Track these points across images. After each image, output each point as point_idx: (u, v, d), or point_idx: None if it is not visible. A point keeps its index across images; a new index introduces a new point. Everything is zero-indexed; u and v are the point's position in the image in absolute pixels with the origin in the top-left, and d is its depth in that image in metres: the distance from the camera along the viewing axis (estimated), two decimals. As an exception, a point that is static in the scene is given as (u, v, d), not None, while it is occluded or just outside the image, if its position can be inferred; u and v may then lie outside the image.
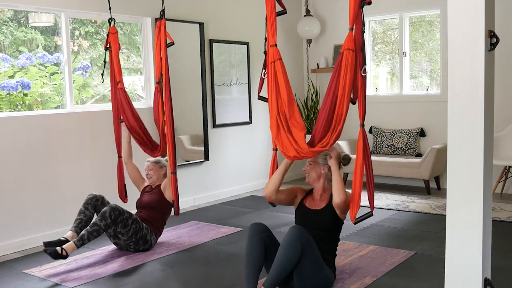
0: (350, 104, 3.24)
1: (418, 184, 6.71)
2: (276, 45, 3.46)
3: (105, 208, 4.05)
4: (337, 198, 3.30)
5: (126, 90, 4.70)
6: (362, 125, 3.19)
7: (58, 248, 3.83)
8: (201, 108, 6.17)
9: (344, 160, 3.52)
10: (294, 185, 3.69)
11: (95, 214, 4.29)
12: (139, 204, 4.54)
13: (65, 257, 3.84)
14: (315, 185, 3.54)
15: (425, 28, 7.07)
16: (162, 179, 4.57)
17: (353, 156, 3.37)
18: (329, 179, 3.50)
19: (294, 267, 3.10)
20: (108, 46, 4.67)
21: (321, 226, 3.38)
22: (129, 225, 4.14)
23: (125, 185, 4.78)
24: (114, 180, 4.82)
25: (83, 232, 3.95)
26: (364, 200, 3.46)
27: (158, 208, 4.46)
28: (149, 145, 4.63)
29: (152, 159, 4.61)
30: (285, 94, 3.40)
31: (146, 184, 4.68)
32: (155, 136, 4.68)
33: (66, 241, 4.02)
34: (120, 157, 4.75)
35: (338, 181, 3.34)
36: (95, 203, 4.29)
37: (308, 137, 3.32)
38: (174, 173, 4.29)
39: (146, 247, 4.32)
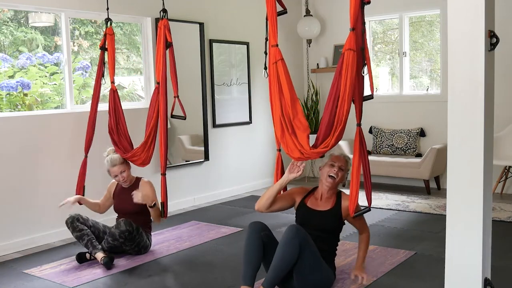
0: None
1: (418, 184, 6.70)
2: (277, 45, 3.46)
3: (113, 230, 4.04)
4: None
5: (124, 90, 4.70)
6: (359, 125, 3.21)
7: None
8: (201, 108, 6.17)
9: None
10: (292, 188, 3.63)
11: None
12: (122, 211, 4.34)
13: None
14: (329, 188, 3.48)
15: (425, 28, 7.07)
16: (131, 175, 4.41)
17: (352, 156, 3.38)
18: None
19: (293, 266, 3.10)
20: (104, 46, 4.64)
21: (323, 227, 3.39)
22: (135, 240, 4.15)
23: (84, 186, 4.63)
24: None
25: (103, 245, 4.10)
26: (362, 200, 3.46)
27: (143, 212, 4.30)
28: (127, 149, 4.60)
29: (115, 161, 4.30)
30: (288, 95, 3.40)
31: (114, 186, 4.49)
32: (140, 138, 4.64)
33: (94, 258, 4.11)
34: (86, 156, 4.62)
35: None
36: (81, 222, 4.16)
37: (312, 137, 3.34)
38: (163, 174, 4.39)
39: (146, 251, 4.33)
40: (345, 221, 3.51)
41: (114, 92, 4.65)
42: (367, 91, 3.33)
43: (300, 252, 3.07)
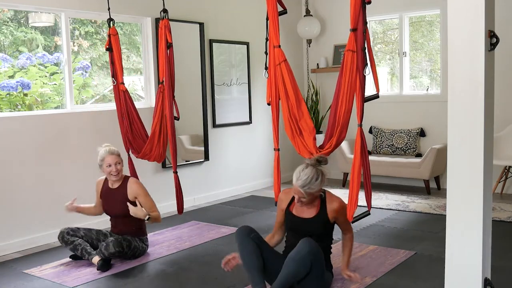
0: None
1: (418, 184, 6.70)
2: (279, 46, 3.46)
3: (103, 250, 3.94)
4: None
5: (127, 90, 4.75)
6: (360, 125, 3.21)
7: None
8: (201, 108, 6.16)
9: (323, 162, 3.35)
10: (278, 202, 3.52)
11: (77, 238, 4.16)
12: (111, 214, 4.24)
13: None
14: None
15: (425, 28, 7.07)
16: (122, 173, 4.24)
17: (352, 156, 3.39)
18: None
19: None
20: (109, 47, 4.67)
21: (313, 234, 3.28)
22: (127, 255, 4.09)
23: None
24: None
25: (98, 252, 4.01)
26: (361, 199, 3.46)
27: (133, 217, 4.15)
28: (141, 149, 4.64)
29: (115, 151, 4.16)
30: (293, 96, 3.41)
31: (101, 185, 4.32)
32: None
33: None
34: (128, 155, 4.76)
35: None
36: (71, 234, 4.10)
37: (318, 136, 3.37)
38: (175, 172, 4.49)
39: (144, 254, 4.28)
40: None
41: (124, 92, 4.67)
42: (372, 91, 3.34)
43: (310, 268, 3.04)
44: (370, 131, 6.99)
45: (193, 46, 6.08)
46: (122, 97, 4.67)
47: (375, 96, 3.29)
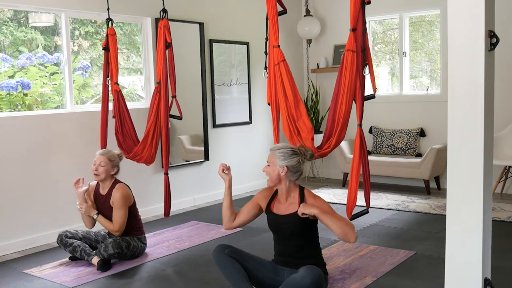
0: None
1: (418, 184, 6.70)
2: (279, 46, 3.46)
3: (103, 252, 3.94)
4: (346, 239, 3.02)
5: (124, 90, 4.73)
6: (360, 125, 3.21)
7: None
8: (201, 108, 6.17)
9: (308, 155, 3.22)
10: (257, 194, 3.40)
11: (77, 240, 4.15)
12: (105, 217, 4.15)
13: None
14: (277, 187, 3.22)
15: (425, 28, 7.07)
16: (110, 178, 4.19)
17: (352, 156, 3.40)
18: (290, 179, 3.16)
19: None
20: (106, 47, 4.68)
21: (296, 233, 3.15)
22: (127, 256, 4.09)
23: None
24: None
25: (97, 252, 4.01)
26: (361, 200, 3.46)
27: (128, 217, 4.15)
28: (131, 149, 4.62)
29: (105, 153, 4.17)
30: (291, 96, 3.42)
31: (93, 190, 4.27)
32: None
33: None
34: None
35: (334, 221, 2.99)
36: (70, 237, 4.10)
37: (316, 136, 3.37)
38: (166, 174, 4.46)
39: (143, 253, 4.28)
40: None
41: (118, 93, 4.67)
42: (369, 91, 3.34)
43: None
44: (370, 131, 6.99)
45: (193, 46, 6.08)
46: (116, 97, 4.66)
47: (372, 96, 3.30)
